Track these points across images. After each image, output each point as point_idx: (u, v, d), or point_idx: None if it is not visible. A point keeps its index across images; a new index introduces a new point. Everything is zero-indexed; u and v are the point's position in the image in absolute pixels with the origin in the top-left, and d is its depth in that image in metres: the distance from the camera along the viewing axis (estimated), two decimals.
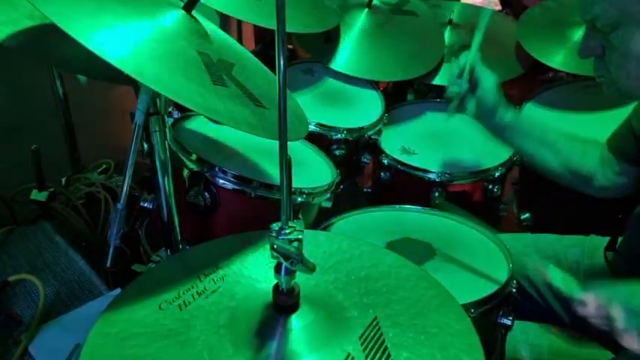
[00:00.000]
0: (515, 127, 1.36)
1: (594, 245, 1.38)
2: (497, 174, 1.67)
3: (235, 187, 1.30)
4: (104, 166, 1.79)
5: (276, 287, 0.80)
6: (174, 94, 0.83)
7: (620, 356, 1.20)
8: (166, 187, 1.14)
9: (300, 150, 1.61)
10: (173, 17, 0.98)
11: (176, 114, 1.50)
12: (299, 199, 1.35)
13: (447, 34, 2.07)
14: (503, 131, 1.38)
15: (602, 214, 1.63)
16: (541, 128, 1.37)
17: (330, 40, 1.82)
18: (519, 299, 1.33)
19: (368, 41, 1.85)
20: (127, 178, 1.00)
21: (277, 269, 0.77)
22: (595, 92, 1.84)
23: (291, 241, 0.75)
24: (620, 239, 1.31)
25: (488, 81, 1.35)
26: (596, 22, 0.99)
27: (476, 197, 1.69)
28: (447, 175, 1.63)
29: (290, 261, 0.75)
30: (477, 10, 2.25)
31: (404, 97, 2.22)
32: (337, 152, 1.67)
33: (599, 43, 1.03)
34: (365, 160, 1.79)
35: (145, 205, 1.23)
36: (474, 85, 1.37)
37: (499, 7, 2.50)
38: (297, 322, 0.80)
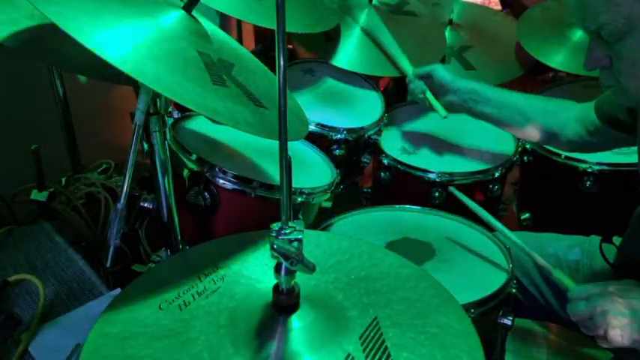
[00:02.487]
0: (477, 92, 1.51)
1: (594, 246, 1.38)
2: (497, 174, 1.67)
3: (235, 187, 1.30)
4: (104, 166, 1.78)
5: (276, 287, 0.80)
6: (174, 94, 0.83)
7: (617, 355, 1.20)
8: (166, 187, 1.14)
9: (300, 150, 1.61)
10: (173, 17, 0.98)
11: (176, 114, 1.50)
12: (299, 199, 1.35)
13: (447, 34, 2.07)
14: (469, 103, 1.52)
15: (602, 214, 1.63)
16: (502, 91, 1.51)
17: (331, 39, 1.82)
18: (519, 297, 1.33)
19: (369, 40, 1.85)
20: (127, 178, 1.00)
21: (277, 269, 0.77)
22: (595, 92, 1.84)
23: (291, 241, 0.75)
24: (620, 238, 1.31)
25: (434, 67, 1.58)
26: (602, 31, 0.95)
27: (476, 197, 1.69)
28: (447, 175, 1.63)
29: (290, 261, 0.75)
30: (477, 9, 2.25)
31: (404, 97, 2.21)
32: (337, 152, 1.66)
33: (605, 53, 0.99)
34: (365, 160, 1.78)
35: (145, 205, 1.23)
36: (428, 82, 1.58)
37: (499, 7, 2.50)
38: (297, 322, 0.80)
